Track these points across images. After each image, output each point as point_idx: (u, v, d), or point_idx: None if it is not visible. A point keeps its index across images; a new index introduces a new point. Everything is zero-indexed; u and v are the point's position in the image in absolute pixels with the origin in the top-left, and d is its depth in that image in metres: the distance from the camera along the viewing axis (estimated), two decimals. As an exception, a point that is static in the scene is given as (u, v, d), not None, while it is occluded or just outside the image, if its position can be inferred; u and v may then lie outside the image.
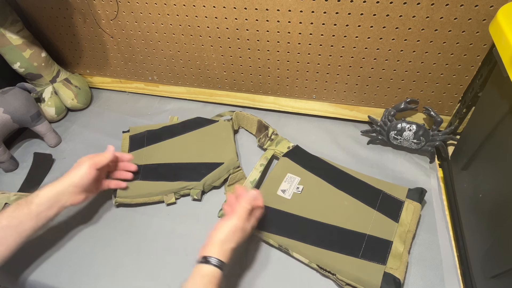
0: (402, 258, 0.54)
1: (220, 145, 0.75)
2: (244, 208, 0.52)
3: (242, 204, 0.53)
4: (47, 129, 0.82)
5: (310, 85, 0.78)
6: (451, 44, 0.61)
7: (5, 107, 0.73)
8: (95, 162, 0.59)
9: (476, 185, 0.58)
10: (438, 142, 0.69)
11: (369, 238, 0.57)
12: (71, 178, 0.57)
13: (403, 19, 0.59)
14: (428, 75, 0.67)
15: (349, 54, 0.68)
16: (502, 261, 0.46)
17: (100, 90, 1.00)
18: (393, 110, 0.71)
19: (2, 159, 0.76)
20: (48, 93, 0.87)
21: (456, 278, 0.55)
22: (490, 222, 0.52)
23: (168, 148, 0.76)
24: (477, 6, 0.54)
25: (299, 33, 0.67)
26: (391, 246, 0.56)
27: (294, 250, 0.58)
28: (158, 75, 0.90)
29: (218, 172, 0.69)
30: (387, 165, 0.72)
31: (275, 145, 0.75)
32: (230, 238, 0.50)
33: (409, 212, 0.60)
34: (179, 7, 0.71)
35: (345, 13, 0.61)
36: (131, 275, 0.59)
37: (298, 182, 0.67)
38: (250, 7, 0.66)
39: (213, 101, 0.91)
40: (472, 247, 0.56)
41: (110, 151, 0.63)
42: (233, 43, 0.75)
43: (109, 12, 0.78)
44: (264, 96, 0.85)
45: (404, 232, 0.58)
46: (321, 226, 0.60)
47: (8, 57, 0.81)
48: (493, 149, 0.54)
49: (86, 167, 0.58)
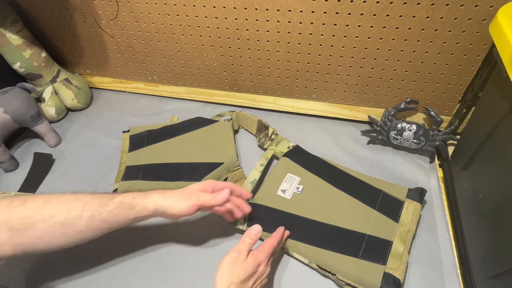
0: (402, 258, 0.54)
1: (220, 145, 0.75)
2: (244, 242, 0.50)
3: (243, 238, 0.50)
4: (47, 129, 0.82)
5: (310, 85, 0.78)
6: (451, 44, 0.61)
7: (5, 107, 0.73)
8: (200, 203, 0.53)
9: (476, 185, 0.58)
10: (438, 142, 0.69)
11: (369, 238, 0.57)
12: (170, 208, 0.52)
13: (403, 19, 0.59)
14: (428, 75, 0.67)
15: (349, 54, 0.68)
16: (502, 261, 0.46)
17: (100, 90, 1.00)
18: (393, 110, 0.71)
19: (2, 159, 0.76)
20: (48, 93, 0.87)
21: (456, 278, 0.55)
22: (490, 222, 0.52)
23: (168, 148, 0.76)
24: (477, 6, 0.54)
25: (299, 33, 0.67)
26: (391, 246, 0.56)
27: (294, 250, 0.58)
28: (158, 75, 0.90)
29: (218, 172, 0.69)
30: (387, 165, 0.72)
31: (275, 145, 0.75)
32: (230, 273, 0.46)
33: (409, 212, 0.60)
34: (179, 7, 0.71)
35: (345, 13, 0.61)
36: (130, 275, 0.59)
37: (298, 182, 0.67)
38: (250, 7, 0.66)
39: (213, 101, 0.91)
40: (472, 247, 0.56)
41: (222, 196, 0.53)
42: (233, 43, 0.75)
43: (109, 12, 0.78)
44: (264, 96, 0.85)
45: (404, 232, 0.58)
46: (321, 226, 0.60)
47: (8, 57, 0.81)
48: (493, 149, 0.54)
49: (187, 206, 0.52)
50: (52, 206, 0.47)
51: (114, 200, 0.50)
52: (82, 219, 0.48)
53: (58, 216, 0.47)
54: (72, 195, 0.50)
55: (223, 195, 0.53)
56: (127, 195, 0.52)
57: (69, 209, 0.48)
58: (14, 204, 0.46)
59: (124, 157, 0.76)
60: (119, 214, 0.50)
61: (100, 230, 0.50)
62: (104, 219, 0.49)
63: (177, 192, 0.54)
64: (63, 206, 0.48)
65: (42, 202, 0.47)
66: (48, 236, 0.47)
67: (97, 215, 0.49)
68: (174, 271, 0.59)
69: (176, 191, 0.54)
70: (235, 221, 0.61)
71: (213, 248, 0.62)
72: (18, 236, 0.45)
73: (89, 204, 0.49)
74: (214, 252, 0.61)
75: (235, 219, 0.60)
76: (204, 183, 0.56)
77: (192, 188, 0.55)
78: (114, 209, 0.50)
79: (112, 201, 0.50)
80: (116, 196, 0.51)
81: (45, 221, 0.46)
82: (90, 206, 0.49)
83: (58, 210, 0.47)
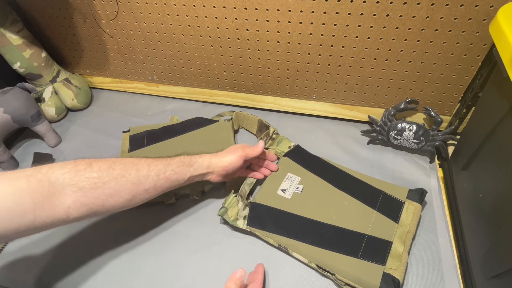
0: (402, 259, 0.54)
1: (220, 145, 0.74)
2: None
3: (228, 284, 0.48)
4: (47, 129, 0.82)
5: (310, 85, 0.78)
6: (451, 44, 0.61)
7: (5, 107, 0.73)
8: (246, 154, 0.62)
9: (476, 185, 0.58)
10: (438, 142, 0.69)
11: (369, 238, 0.57)
12: (222, 161, 0.60)
13: (403, 19, 0.59)
14: (428, 75, 0.67)
15: (349, 54, 0.68)
16: (502, 261, 0.46)
17: (100, 90, 1.00)
18: (393, 110, 0.71)
19: (2, 159, 0.76)
20: (48, 93, 0.87)
21: (456, 278, 0.55)
22: (490, 222, 0.52)
23: (168, 148, 0.76)
24: (477, 6, 0.54)
25: (299, 33, 0.67)
26: (391, 246, 0.56)
27: (293, 249, 0.58)
28: (158, 75, 0.90)
29: (218, 172, 0.69)
30: (387, 165, 0.72)
31: (276, 144, 0.75)
32: None
33: (409, 212, 0.60)
34: (179, 7, 0.71)
35: (345, 13, 0.61)
36: (130, 274, 0.59)
37: (298, 181, 0.67)
38: (250, 7, 0.66)
39: (213, 101, 0.91)
40: (472, 247, 0.56)
41: (260, 147, 0.65)
42: (233, 43, 0.75)
43: (109, 12, 0.78)
44: (264, 96, 0.85)
45: (404, 233, 0.58)
46: (321, 226, 0.60)
47: (8, 57, 0.81)
48: (493, 149, 0.54)
49: (236, 156, 0.61)
50: (120, 167, 0.50)
51: (175, 159, 0.56)
52: (149, 178, 0.52)
53: (128, 175, 0.50)
54: (132, 158, 0.54)
55: (260, 146, 0.65)
56: (184, 156, 0.58)
57: (138, 169, 0.51)
58: (80, 167, 0.47)
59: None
60: (179, 172, 0.55)
61: (162, 189, 0.54)
62: (167, 177, 0.54)
63: (223, 151, 0.62)
64: (131, 166, 0.51)
65: (110, 164, 0.50)
66: (117, 195, 0.49)
67: (162, 174, 0.53)
68: (173, 271, 0.59)
69: (223, 151, 0.62)
70: (235, 219, 0.61)
71: (213, 247, 0.62)
72: (87, 196, 0.47)
73: (152, 165, 0.53)
74: (213, 252, 0.61)
75: (230, 216, 0.62)
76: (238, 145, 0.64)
77: (235, 146, 0.64)
78: (176, 167, 0.55)
79: (173, 160, 0.56)
80: (175, 158, 0.57)
81: (116, 180, 0.49)
82: (154, 166, 0.53)
83: (127, 170, 0.51)
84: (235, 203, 0.63)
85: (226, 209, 0.62)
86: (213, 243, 0.62)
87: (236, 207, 0.63)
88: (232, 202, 0.63)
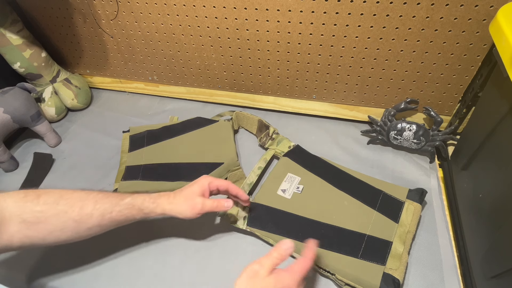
0: (402, 259, 0.54)
1: (220, 145, 0.75)
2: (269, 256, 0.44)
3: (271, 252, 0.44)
4: (47, 129, 0.82)
5: (310, 85, 0.78)
6: (451, 44, 0.61)
7: (5, 107, 0.73)
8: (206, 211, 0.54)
9: (476, 185, 0.58)
10: (438, 142, 0.69)
11: (369, 238, 0.57)
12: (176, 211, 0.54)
13: (403, 19, 0.59)
14: (428, 75, 0.67)
15: (349, 54, 0.68)
16: (502, 261, 0.46)
17: (100, 90, 1.00)
18: (393, 110, 0.71)
19: (2, 159, 0.76)
20: (48, 93, 0.87)
21: (456, 278, 0.55)
22: (490, 222, 0.52)
23: (168, 148, 0.76)
24: (477, 6, 0.54)
25: (299, 33, 0.67)
26: (391, 246, 0.56)
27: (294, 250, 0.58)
28: (158, 75, 0.90)
29: (218, 172, 0.69)
30: (387, 165, 0.72)
31: (276, 144, 0.75)
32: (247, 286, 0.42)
33: (409, 212, 0.60)
34: (179, 7, 0.71)
35: (345, 13, 0.61)
36: (129, 274, 0.59)
37: (298, 182, 0.67)
38: (250, 7, 0.66)
39: (213, 101, 0.91)
40: (472, 247, 0.56)
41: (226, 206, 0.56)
42: (233, 43, 0.75)
43: (109, 12, 0.78)
44: (264, 96, 0.85)
45: (404, 233, 0.58)
46: (321, 226, 0.60)
47: (8, 57, 0.81)
48: (493, 149, 0.54)
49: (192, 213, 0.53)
50: (66, 202, 0.49)
51: (125, 200, 0.53)
52: (93, 217, 0.50)
53: (71, 212, 0.49)
54: (84, 192, 0.52)
55: (228, 204, 0.55)
56: (137, 196, 0.54)
57: (82, 206, 0.50)
58: (28, 198, 0.47)
59: (124, 157, 0.76)
60: (128, 215, 0.53)
61: (107, 227, 0.53)
62: (113, 218, 0.52)
63: (182, 198, 0.54)
64: (76, 202, 0.50)
65: (56, 198, 0.49)
66: (59, 231, 0.49)
67: (107, 214, 0.51)
68: (173, 271, 0.59)
69: (181, 196, 0.55)
70: (235, 220, 0.61)
71: (213, 247, 0.62)
72: (29, 229, 0.46)
73: (100, 203, 0.51)
74: (212, 252, 0.61)
75: (230, 217, 0.61)
76: (201, 183, 0.56)
77: (194, 192, 0.55)
78: (124, 209, 0.52)
79: (123, 201, 0.53)
80: (127, 197, 0.53)
81: (58, 216, 0.48)
82: (101, 205, 0.51)
83: (72, 206, 0.49)
84: (235, 203, 0.63)
85: None
86: (213, 243, 0.62)
87: (236, 208, 0.63)
88: None
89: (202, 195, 0.55)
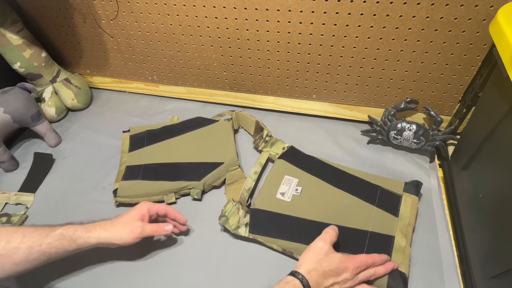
0: (405, 252, 0.55)
1: (220, 145, 0.75)
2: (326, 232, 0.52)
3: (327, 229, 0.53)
4: (47, 129, 0.82)
5: (310, 85, 0.78)
6: (451, 44, 0.61)
7: (5, 107, 0.73)
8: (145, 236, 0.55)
9: (476, 185, 0.58)
10: (438, 142, 0.69)
11: (372, 234, 0.57)
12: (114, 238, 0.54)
13: (403, 19, 0.59)
14: (428, 75, 0.67)
15: (349, 54, 0.68)
16: (502, 261, 0.46)
17: (100, 90, 1.00)
18: (393, 110, 0.71)
19: (2, 159, 0.76)
20: (48, 93, 0.87)
21: (456, 278, 0.55)
22: (490, 222, 0.52)
23: (168, 148, 0.76)
24: (477, 6, 0.54)
25: (299, 33, 0.67)
26: (394, 241, 0.56)
27: (298, 253, 0.57)
28: (158, 75, 0.90)
29: (218, 172, 0.69)
30: (387, 165, 0.72)
31: (270, 146, 0.74)
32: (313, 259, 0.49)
33: (407, 205, 0.61)
34: (179, 7, 0.71)
35: (345, 13, 0.61)
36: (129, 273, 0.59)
37: (296, 183, 0.66)
38: (250, 7, 0.66)
39: (213, 101, 0.91)
40: (472, 247, 0.56)
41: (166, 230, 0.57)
42: (233, 43, 0.75)
43: (109, 12, 0.78)
44: (264, 96, 0.85)
45: (405, 226, 0.58)
46: (323, 227, 0.59)
47: (8, 57, 0.81)
48: (493, 149, 0.54)
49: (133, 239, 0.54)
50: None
51: (55, 232, 0.51)
52: (20, 251, 0.48)
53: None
54: (13, 227, 0.51)
55: (168, 228, 0.57)
56: (69, 227, 0.53)
57: (8, 240, 0.48)
58: None
59: (124, 157, 0.76)
60: (59, 247, 0.51)
61: (37, 262, 0.50)
62: (43, 251, 0.50)
63: (119, 224, 0.54)
64: (2, 236, 0.48)
65: None
66: None
67: (36, 247, 0.49)
68: (173, 272, 0.59)
69: (119, 222, 0.55)
70: (237, 227, 0.61)
71: (213, 249, 0.62)
72: None
73: (28, 236, 0.49)
74: (214, 254, 0.61)
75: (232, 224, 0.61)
76: (140, 208, 0.56)
77: (132, 217, 0.55)
78: (54, 241, 0.50)
79: (53, 233, 0.51)
80: (58, 228, 0.52)
81: None
82: (29, 238, 0.49)
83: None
84: (236, 211, 0.62)
85: (227, 218, 0.61)
86: (214, 245, 0.62)
87: (237, 215, 0.62)
88: (232, 211, 0.62)
89: (141, 220, 0.55)
